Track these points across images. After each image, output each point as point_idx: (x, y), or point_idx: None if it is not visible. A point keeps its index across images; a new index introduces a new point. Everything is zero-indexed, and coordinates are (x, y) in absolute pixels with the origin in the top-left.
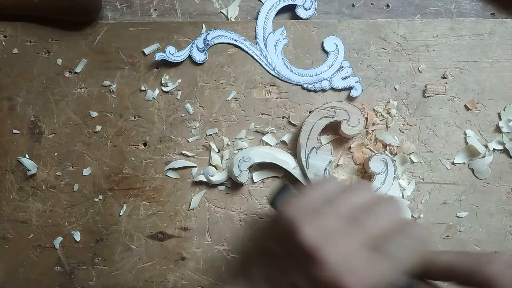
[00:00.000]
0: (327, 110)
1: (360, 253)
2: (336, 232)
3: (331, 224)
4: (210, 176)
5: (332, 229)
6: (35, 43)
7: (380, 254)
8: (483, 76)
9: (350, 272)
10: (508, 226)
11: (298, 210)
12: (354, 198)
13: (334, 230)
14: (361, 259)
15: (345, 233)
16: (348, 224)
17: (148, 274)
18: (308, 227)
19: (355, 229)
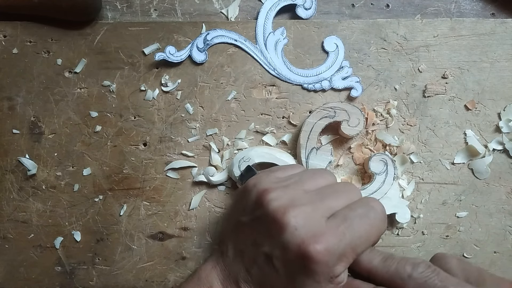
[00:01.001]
0: (327, 110)
1: (322, 220)
2: (301, 201)
3: (296, 195)
4: (210, 176)
5: (297, 198)
6: (35, 43)
7: (340, 221)
8: (483, 76)
9: (314, 236)
10: (508, 226)
11: (266, 181)
12: (320, 180)
13: (299, 199)
14: (323, 225)
15: (309, 203)
16: (312, 197)
17: (149, 274)
18: (275, 194)
19: (318, 202)
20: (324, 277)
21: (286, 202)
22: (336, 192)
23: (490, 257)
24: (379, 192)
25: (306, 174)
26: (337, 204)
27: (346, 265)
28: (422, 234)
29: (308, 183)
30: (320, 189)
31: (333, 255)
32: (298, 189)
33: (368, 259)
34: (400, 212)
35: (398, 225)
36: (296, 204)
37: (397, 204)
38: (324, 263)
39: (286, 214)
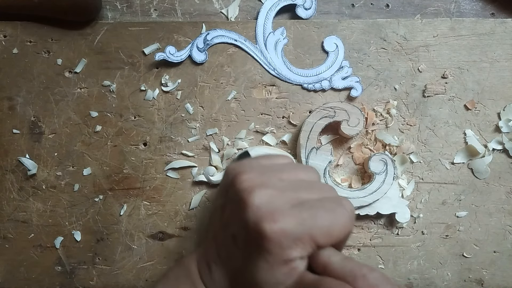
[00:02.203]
0: (327, 110)
1: (286, 205)
2: (272, 186)
3: (269, 180)
4: (210, 176)
5: (269, 183)
6: (35, 43)
7: (304, 208)
8: (483, 76)
9: (272, 215)
10: (507, 225)
11: (245, 165)
12: (300, 173)
13: (270, 183)
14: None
15: (279, 189)
16: (286, 186)
17: (149, 274)
18: (248, 176)
19: (289, 191)
20: (276, 258)
21: (255, 183)
22: (311, 187)
23: (489, 256)
24: (379, 192)
25: (289, 165)
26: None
27: (302, 251)
28: (422, 234)
29: (286, 173)
30: (296, 181)
31: (288, 237)
32: (274, 176)
33: (327, 254)
34: (400, 211)
35: (398, 224)
36: (265, 187)
37: (397, 203)
38: (277, 242)
39: (252, 193)
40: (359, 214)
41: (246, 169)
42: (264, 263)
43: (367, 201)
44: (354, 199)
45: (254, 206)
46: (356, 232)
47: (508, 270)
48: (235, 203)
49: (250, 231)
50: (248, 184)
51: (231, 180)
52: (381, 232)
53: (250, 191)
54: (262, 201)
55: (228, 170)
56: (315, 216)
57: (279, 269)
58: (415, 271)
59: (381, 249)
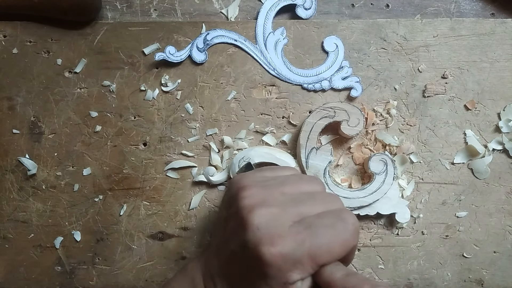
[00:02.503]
0: (327, 110)
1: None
2: (272, 202)
3: (271, 196)
4: (210, 176)
5: (270, 199)
6: (35, 43)
7: (303, 227)
8: (483, 76)
9: (271, 238)
10: (507, 226)
11: (248, 178)
12: (304, 185)
13: (271, 200)
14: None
15: (280, 205)
16: (288, 201)
17: (149, 274)
18: (249, 192)
19: (290, 206)
20: (277, 282)
21: (256, 201)
22: (314, 199)
23: (489, 257)
24: (379, 192)
25: (292, 177)
26: (309, 211)
27: (303, 273)
28: (422, 234)
29: (289, 186)
30: (299, 194)
31: (288, 261)
32: (276, 190)
33: (330, 271)
34: (400, 212)
35: (398, 225)
36: (266, 205)
37: (396, 204)
38: (277, 267)
39: (252, 212)
40: (359, 214)
41: (249, 183)
42: (264, 286)
43: (367, 201)
44: (354, 199)
45: (253, 226)
46: None
47: (508, 270)
48: (236, 220)
49: (250, 253)
50: (248, 201)
51: (234, 194)
52: (381, 232)
53: (250, 210)
54: (262, 222)
55: (231, 183)
56: (314, 236)
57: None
58: (415, 271)
59: (381, 249)
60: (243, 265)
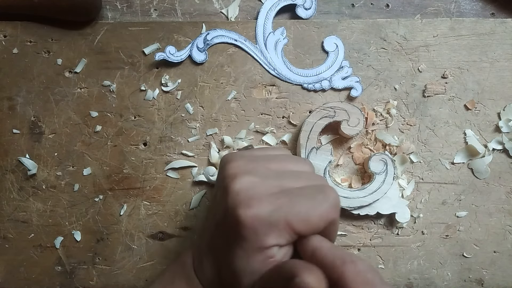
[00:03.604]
0: (327, 110)
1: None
2: (255, 173)
3: (255, 168)
4: (210, 176)
5: (254, 171)
6: (35, 43)
7: (282, 195)
8: (483, 76)
9: (249, 201)
10: (507, 225)
11: (238, 155)
12: (291, 164)
13: (255, 172)
14: (265, 196)
15: (262, 176)
16: (270, 173)
17: (149, 274)
18: (235, 164)
19: (272, 179)
20: (252, 245)
21: (240, 170)
22: (298, 177)
23: (489, 256)
24: (379, 192)
25: (281, 156)
26: (291, 185)
27: (279, 239)
28: (422, 234)
29: (276, 163)
30: (284, 171)
31: (263, 223)
32: (262, 165)
33: (317, 240)
34: (400, 211)
35: (398, 224)
36: (248, 174)
37: (397, 203)
38: (252, 229)
39: (234, 180)
40: (359, 214)
41: (236, 157)
42: (240, 250)
43: (367, 201)
44: (354, 199)
45: (234, 192)
46: (356, 232)
47: (508, 270)
48: (221, 190)
49: (229, 217)
50: (233, 171)
51: (221, 168)
52: (381, 232)
53: (233, 178)
54: (242, 187)
55: (221, 159)
56: (292, 202)
57: (254, 256)
58: (415, 271)
59: (381, 249)
60: (224, 233)
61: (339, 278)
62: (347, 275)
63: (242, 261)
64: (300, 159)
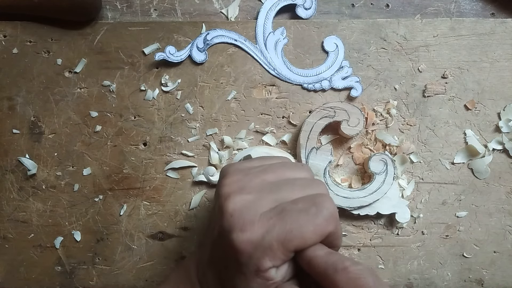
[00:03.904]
0: (327, 110)
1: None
2: (250, 190)
3: (250, 183)
4: (210, 176)
5: (249, 187)
6: (35, 43)
7: (274, 213)
8: (483, 76)
9: (242, 225)
10: (508, 225)
11: (234, 167)
12: (287, 172)
13: (249, 187)
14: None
15: (256, 192)
16: (266, 188)
17: (149, 274)
18: (230, 180)
19: (267, 192)
20: (249, 269)
21: (234, 189)
22: (293, 185)
23: (490, 256)
24: (379, 192)
25: (277, 165)
26: (285, 197)
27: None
28: (422, 234)
29: (271, 174)
30: (279, 180)
31: (258, 247)
32: (257, 177)
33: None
34: (400, 212)
35: (398, 224)
36: (243, 192)
37: (397, 203)
38: (247, 254)
39: (227, 200)
40: (359, 214)
41: (232, 171)
42: (239, 274)
43: (367, 201)
44: (354, 199)
45: (228, 214)
46: (356, 232)
47: (508, 270)
48: (217, 208)
49: (224, 239)
50: (227, 189)
51: (218, 182)
52: (381, 232)
53: (226, 198)
54: (236, 209)
55: (220, 172)
56: (284, 221)
57: (253, 280)
58: (415, 271)
59: (381, 249)
60: (222, 253)
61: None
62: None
63: (243, 284)
64: (297, 165)
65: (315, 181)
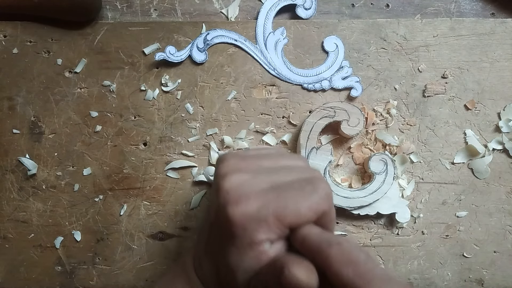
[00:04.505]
0: (327, 110)
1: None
2: (246, 171)
3: (246, 165)
4: (210, 176)
5: (245, 168)
6: (35, 43)
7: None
8: (483, 76)
9: (238, 199)
10: (508, 225)
11: (229, 154)
12: (283, 160)
13: (245, 168)
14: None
15: (252, 173)
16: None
17: (149, 274)
18: (227, 162)
19: (263, 175)
20: (242, 242)
21: (231, 169)
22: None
23: (490, 256)
24: (379, 192)
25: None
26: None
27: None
28: (422, 234)
29: (268, 160)
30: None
31: (252, 219)
32: (254, 162)
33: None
34: (400, 211)
35: (398, 224)
36: (239, 172)
37: (397, 203)
38: (241, 226)
39: (224, 178)
40: (359, 214)
41: (229, 157)
42: (233, 248)
43: (367, 201)
44: (354, 199)
45: (224, 190)
46: (356, 232)
47: (508, 270)
48: (213, 190)
49: (220, 216)
50: (224, 170)
51: (215, 168)
52: (381, 232)
53: (224, 176)
54: (232, 185)
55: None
56: (280, 196)
57: (246, 253)
58: (415, 271)
59: (381, 249)
60: (218, 232)
61: (325, 260)
62: (332, 256)
63: (236, 258)
64: (293, 155)
65: (311, 168)
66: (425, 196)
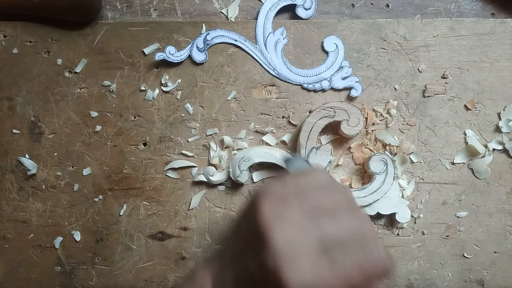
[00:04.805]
0: (327, 110)
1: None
2: (292, 221)
3: (290, 212)
4: (210, 176)
5: (289, 217)
6: (35, 43)
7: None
8: (483, 76)
9: (291, 265)
10: (508, 225)
11: (268, 192)
12: (326, 197)
13: (290, 218)
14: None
15: (300, 224)
16: (308, 218)
17: (148, 274)
18: (268, 207)
19: (312, 225)
20: None
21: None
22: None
23: (490, 257)
24: (379, 192)
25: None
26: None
27: None
28: (422, 234)
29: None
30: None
31: None
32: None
33: None
34: (400, 212)
35: (398, 225)
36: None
37: (397, 204)
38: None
39: (271, 229)
40: None
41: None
42: None
43: (367, 201)
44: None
45: (273, 247)
46: None
47: (508, 270)
48: (254, 234)
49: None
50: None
51: (253, 208)
52: (381, 232)
53: (270, 227)
54: (282, 243)
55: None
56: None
57: None
58: (415, 272)
59: None
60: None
61: None
62: None
63: None
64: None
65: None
66: (425, 196)
